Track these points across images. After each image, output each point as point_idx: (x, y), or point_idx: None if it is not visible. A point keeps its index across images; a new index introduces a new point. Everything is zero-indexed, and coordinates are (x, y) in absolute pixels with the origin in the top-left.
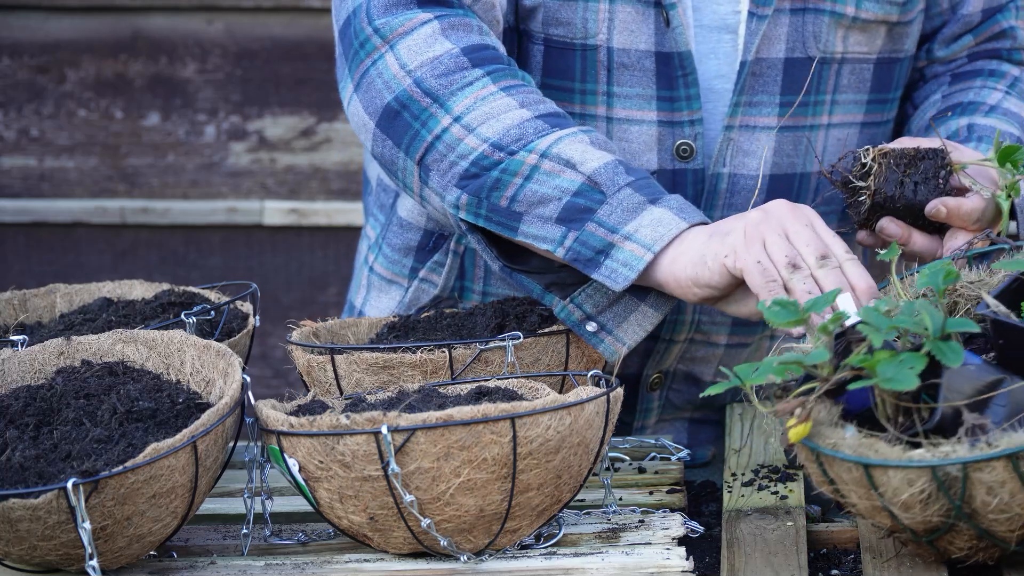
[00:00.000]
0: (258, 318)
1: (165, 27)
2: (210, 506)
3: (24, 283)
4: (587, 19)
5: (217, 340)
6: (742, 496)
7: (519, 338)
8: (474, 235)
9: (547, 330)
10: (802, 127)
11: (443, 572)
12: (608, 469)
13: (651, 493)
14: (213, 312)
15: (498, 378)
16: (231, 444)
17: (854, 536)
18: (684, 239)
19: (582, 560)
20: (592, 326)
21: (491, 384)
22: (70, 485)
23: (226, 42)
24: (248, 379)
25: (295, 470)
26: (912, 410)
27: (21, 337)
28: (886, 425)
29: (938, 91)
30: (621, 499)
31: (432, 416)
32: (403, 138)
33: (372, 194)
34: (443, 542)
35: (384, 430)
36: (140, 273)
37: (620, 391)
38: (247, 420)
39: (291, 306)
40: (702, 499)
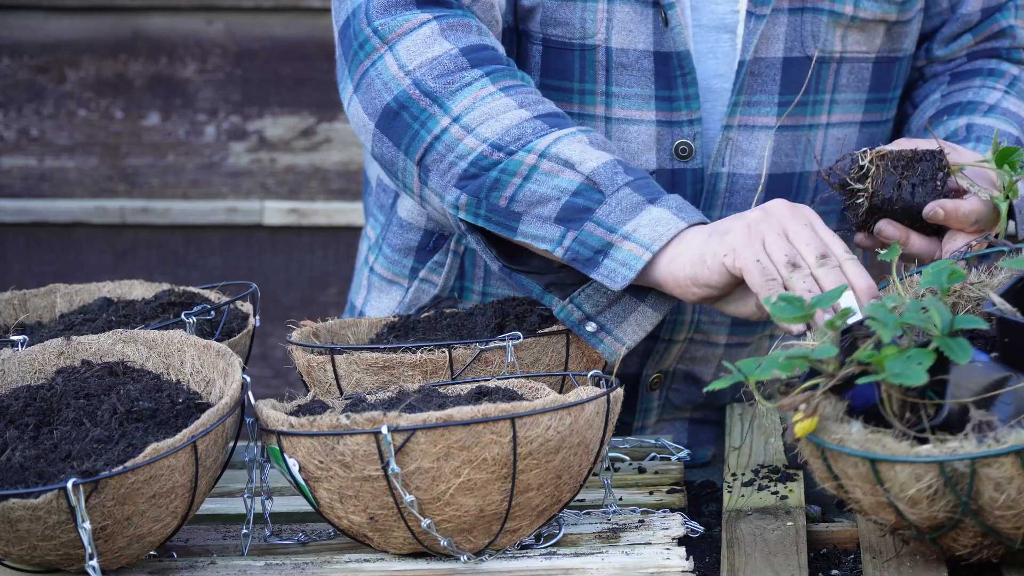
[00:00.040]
0: (258, 318)
1: (165, 27)
2: (210, 506)
3: (24, 283)
4: (585, 19)
5: (217, 340)
6: (742, 496)
7: (519, 338)
8: (473, 235)
9: (547, 330)
10: (801, 127)
11: (443, 572)
12: (608, 469)
13: (651, 493)
14: (213, 312)
15: (498, 378)
16: (231, 444)
17: (854, 536)
18: (683, 238)
19: (582, 560)
20: (591, 326)
21: (491, 384)
22: (70, 485)
23: (226, 42)
24: (248, 379)
25: (295, 470)
26: (918, 406)
27: (21, 337)
28: (892, 421)
29: (937, 90)
30: (621, 499)
31: (432, 416)
32: (402, 138)
33: (372, 194)
34: (443, 542)
35: (384, 430)
36: (140, 273)
37: (620, 391)
38: (247, 420)
39: (291, 306)
40: (702, 499)
